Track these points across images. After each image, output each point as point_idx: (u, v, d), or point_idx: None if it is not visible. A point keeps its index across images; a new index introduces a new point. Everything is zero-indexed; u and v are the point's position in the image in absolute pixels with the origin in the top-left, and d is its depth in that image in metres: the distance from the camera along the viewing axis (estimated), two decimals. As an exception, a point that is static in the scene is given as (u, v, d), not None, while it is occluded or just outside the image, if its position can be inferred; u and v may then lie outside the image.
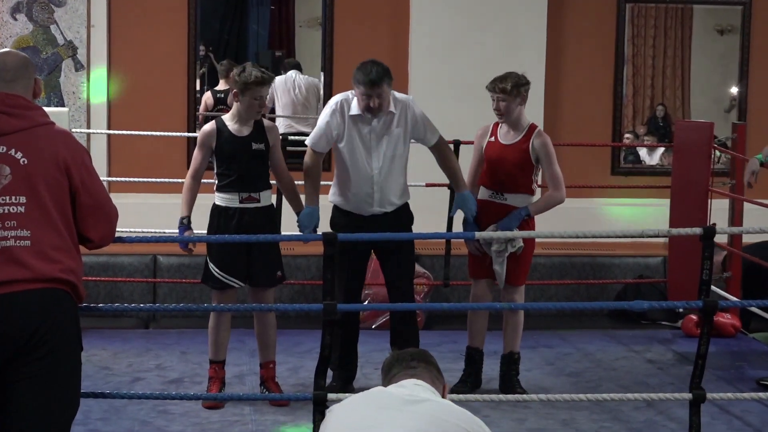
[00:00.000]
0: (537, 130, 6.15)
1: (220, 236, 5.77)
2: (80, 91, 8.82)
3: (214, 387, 5.93)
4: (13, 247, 3.57)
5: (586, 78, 9.48)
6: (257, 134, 5.85)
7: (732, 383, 6.51)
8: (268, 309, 5.88)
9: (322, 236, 4.78)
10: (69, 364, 3.69)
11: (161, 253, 8.66)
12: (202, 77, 9.71)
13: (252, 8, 10.72)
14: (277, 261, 5.97)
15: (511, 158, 6.09)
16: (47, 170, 3.64)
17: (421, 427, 3.03)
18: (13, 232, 3.58)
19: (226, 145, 5.82)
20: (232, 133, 5.84)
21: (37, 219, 3.61)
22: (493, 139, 6.15)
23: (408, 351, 3.52)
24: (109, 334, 7.42)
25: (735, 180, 7.87)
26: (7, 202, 3.60)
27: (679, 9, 10.11)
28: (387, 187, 5.93)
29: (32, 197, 3.62)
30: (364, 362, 6.25)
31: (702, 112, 10.09)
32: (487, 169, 6.15)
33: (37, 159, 3.64)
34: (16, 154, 3.62)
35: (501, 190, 6.10)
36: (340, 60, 9.10)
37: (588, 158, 9.43)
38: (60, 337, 3.63)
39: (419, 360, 3.41)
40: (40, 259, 3.59)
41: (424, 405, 3.14)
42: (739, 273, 7.87)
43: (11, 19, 8.68)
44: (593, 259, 9.11)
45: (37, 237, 3.60)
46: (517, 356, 6.26)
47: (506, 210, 6.06)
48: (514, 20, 9.00)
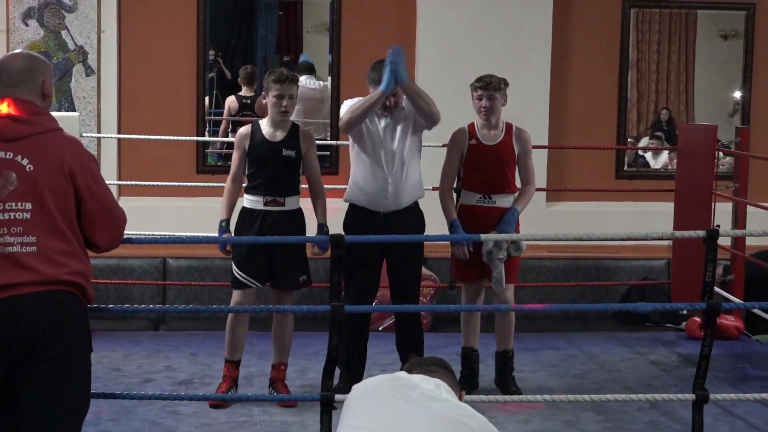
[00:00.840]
0: (515, 126, 6.19)
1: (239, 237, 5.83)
2: (90, 96, 8.84)
3: (225, 385, 5.96)
4: (18, 252, 3.57)
5: (590, 82, 9.49)
6: (290, 140, 5.88)
7: (735, 385, 6.52)
8: (275, 310, 5.90)
9: (329, 238, 4.81)
10: (78, 365, 3.69)
11: (171, 256, 8.68)
12: (210, 81, 9.73)
13: (260, 13, 10.73)
14: (302, 265, 5.97)
15: (499, 157, 6.12)
16: (53, 177, 3.63)
17: (441, 426, 3.05)
18: (18, 238, 3.58)
19: (257, 148, 5.86)
20: (265, 137, 5.87)
21: (43, 225, 3.61)
22: (475, 141, 6.16)
23: (428, 358, 3.57)
24: (120, 336, 7.45)
25: (738, 183, 7.88)
26: (13, 208, 3.60)
27: (683, 14, 10.11)
28: (401, 180, 5.97)
29: (37, 204, 3.61)
30: (371, 364, 6.28)
31: (706, 116, 10.07)
32: (474, 172, 6.16)
33: (42, 166, 3.63)
34: (22, 161, 3.62)
35: (489, 193, 6.12)
36: (347, 64, 9.12)
37: (593, 162, 9.45)
38: (68, 339, 3.64)
39: (438, 366, 3.45)
40: (47, 263, 3.59)
41: (445, 404, 3.17)
42: (742, 276, 7.88)
43: (23, 25, 8.71)
44: (598, 261, 9.11)
45: (43, 242, 3.60)
46: (511, 353, 6.28)
47: (495, 212, 6.08)
48: (520, 25, 9.01)
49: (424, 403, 3.14)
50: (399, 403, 3.15)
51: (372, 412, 3.15)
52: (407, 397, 3.17)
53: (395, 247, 6.00)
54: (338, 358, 5.10)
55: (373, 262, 6.07)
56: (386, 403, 3.17)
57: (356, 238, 5.49)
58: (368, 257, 5.97)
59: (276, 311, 5.94)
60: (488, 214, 6.08)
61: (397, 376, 3.31)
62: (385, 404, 3.16)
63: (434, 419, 3.08)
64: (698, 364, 4.98)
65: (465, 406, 3.22)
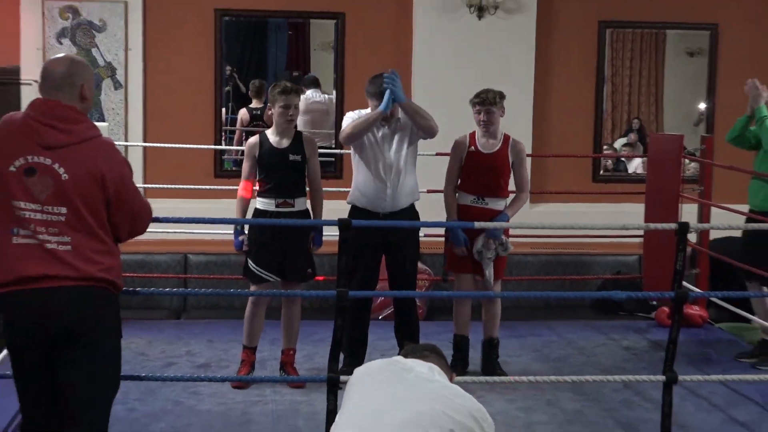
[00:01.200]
0: (511, 138, 6.20)
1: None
2: (119, 108, 8.86)
3: (244, 369, 5.98)
4: (56, 250, 3.59)
5: (570, 95, 9.50)
6: (295, 146, 5.89)
7: (700, 368, 6.52)
8: (287, 295, 5.91)
9: (338, 221, 4.80)
10: (109, 350, 3.73)
11: (191, 252, 8.70)
12: (226, 95, 9.74)
13: (271, 33, 10.73)
14: (308, 259, 5.99)
15: (495, 165, 6.12)
16: (85, 185, 3.63)
17: (434, 404, 3.07)
18: (55, 238, 3.60)
19: (266, 155, 5.87)
20: (272, 145, 5.88)
21: (77, 227, 3.62)
22: (473, 148, 6.16)
23: (421, 344, 3.62)
24: (145, 324, 7.45)
25: (703, 186, 7.88)
26: (50, 211, 3.61)
27: (653, 33, 10.12)
28: (398, 185, 5.97)
29: (71, 209, 3.62)
30: (372, 349, 6.27)
31: (674, 126, 10.09)
32: (470, 176, 6.16)
33: (76, 174, 3.62)
34: (59, 169, 3.61)
35: (483, 195, 6.13)
36: (350, 79, 9.13)
37: (572, 167, 9.46)
38: (101, 328, 3.68)
39: (431, 351, 3.49)
40: (81, 261, 3.61)
41: (437, 385, 3.18)
42: (707, 269, 7.89)
43: (57, 43, 8.73)
44: (576, 257, 9.15)
45: (77, 243, 3.62)
46: (496, 341, 6.28)
47: (488, 213, 6.08)
48: (506, 44, 9.02)
49: (418, 384, 3.16)
50: (396, 384, 3.17)
51: (371, 392, 3.17)
52: (403, 379, 3.19)
53: (394, 243, 6.01)
54: (342, 342, 5.11)
55: (374, 257, 6.08)
56: (385, 383, 3.19)
57: (362, 222, 5.49)
58: (369, 253, 5.98)
59: (287, 296, 5.95)
60: (481, 215, 6.09)
61: (395, 360, 3.33)
62: (383, 385, 3.18)
63: (427, 397, 3.10)
64: (667, 348, 4.98)
65: (455, 386, 3.24)
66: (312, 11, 9.40)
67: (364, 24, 9.20)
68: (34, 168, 3.61)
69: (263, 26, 10.48)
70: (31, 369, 3.68)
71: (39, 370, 3.67)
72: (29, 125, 3.65)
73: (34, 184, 3.60)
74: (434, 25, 9.01)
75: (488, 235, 6.06)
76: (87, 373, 3.64)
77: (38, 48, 8.78)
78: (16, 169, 3.61)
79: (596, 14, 9.51)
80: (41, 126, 3.64)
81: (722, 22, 9.67)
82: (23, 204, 3.60)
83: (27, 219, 3.59)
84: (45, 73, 3.77)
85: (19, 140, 3.64)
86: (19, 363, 3.70)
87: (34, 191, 3.60)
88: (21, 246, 3.59)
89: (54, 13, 8.76)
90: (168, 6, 9.03)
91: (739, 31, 9.67)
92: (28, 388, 3.71)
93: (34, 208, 3.60)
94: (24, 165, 3.61)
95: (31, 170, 3.61)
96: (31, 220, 3.59)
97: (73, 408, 3.66)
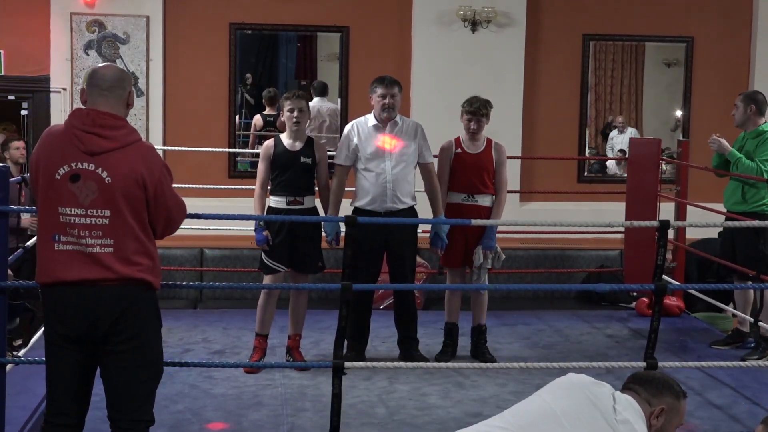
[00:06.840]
0: (494, 141, 6.16)
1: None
2: (140, 114, 8.82)
3: (256, 355, 5.92)
4: (98, 253, 3.50)
5: (556, 102, 9.48)
6: (306, 150, 5.83)
7: (677, 354, 6.47)
8: (297, 288, 5.84)
9: (344, 218, 4.72)
10: (150, 342, 3.66)
11: (207, 247, 8.66)
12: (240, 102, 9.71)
13: (281, 45, 10.68)
14: (317, 253, 5.93)
15: (481, 164, 6.09)
16: (127, 188, 3.53)
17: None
18: (98, 240, 3.51)
19: (280, 157, 5.82)
20: (286, 148, 5.83)
21: (119, 229, 3.53)
22: (460, 151, 6.12)
23: (642, 373, 3.47)
24: (164, 313, 7.28)
25: (679, 187, 7.84)
26: (94, 214, 3.51)
27: (633, 45, 10.09)
28: (398, 183, 5.90)
29: (115, 211, 3.52)
30: (373, 337, 6.23)
31: (652, 131, 10.07)
32: (460, 176, 6.11)
33: (119, 178, 3.52)
34: (102, 174, 3.51)
35: (472, 193, 6.09)
36: (354, 88, 9.13)
37: (558, 169, 9.44)
38: (141, 322, 3.61)
39: (636, 382, 3.37)
40: (122, 263, 3.53)
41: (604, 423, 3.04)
42: (683, 263, 7.83)
43: (84, 54, 8.69)
44: (562, 252, 9.14)
45: (119, 244, 3.53)
46: (484, 327, 6.24)
47: (477, 210, 6.04)
48: (498, 56, 9.05)
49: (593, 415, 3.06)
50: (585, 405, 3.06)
51: (551, 398, 3.11)
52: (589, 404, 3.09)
53: (395, 241, 5.95)
54: (347, 331, 5.04)
55: (376, 252, 6.01)
56: (568, 399, 3.10)
57: (367, 219, 5.42)
58: (372, 248, 5.91)
59: (297, 289, 5.89)
60: (470, 212, 6.04)
61: (600, 391, 3.17)
62: (567, 401, 3.10)
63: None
64: (648, 336, 4.91)
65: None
66: (319, 25, 9.40)
67: (367, 37, 9.19)
68: (79, 174, 3.51)
69: (274, 39, 10.44)
70: (69, 360, 3.59)
71: (75, 363, 3.59)
72: (73, 134, 3.53)
73: (79, 189, 3.50)
74: (432, 38, 9.02)
75: (484, 248, 6.08)
76: (128, 365, 3.58)
77: (67, 59, 8.76)
78: (61, 177, 3.51)
79: (580, 28, 9.49)
80: (85, 134, 3.52)
81: (697, 36, 9.65)
82: (69, 210, 3.50)
83: (71, 224, 3.50)
84: (95, 76, 3.63)
85: (63, 149, 3.53)
86: (55, 353, 3.61)
87: (79, 196, 3.50)
88: (63, 252, 3.51)
89: (81, 27, 8.72)
90: (186, 20, 9.01)
91: (713, 43, 9.65)
92: (62, 377, 3.62)
93: (78, 213, 3.50)
94: (69, 172, 3.51)
95: (76, 176, 3.50)
96: (75, 225, 3.50)
97: (117, 397, 3.60)
